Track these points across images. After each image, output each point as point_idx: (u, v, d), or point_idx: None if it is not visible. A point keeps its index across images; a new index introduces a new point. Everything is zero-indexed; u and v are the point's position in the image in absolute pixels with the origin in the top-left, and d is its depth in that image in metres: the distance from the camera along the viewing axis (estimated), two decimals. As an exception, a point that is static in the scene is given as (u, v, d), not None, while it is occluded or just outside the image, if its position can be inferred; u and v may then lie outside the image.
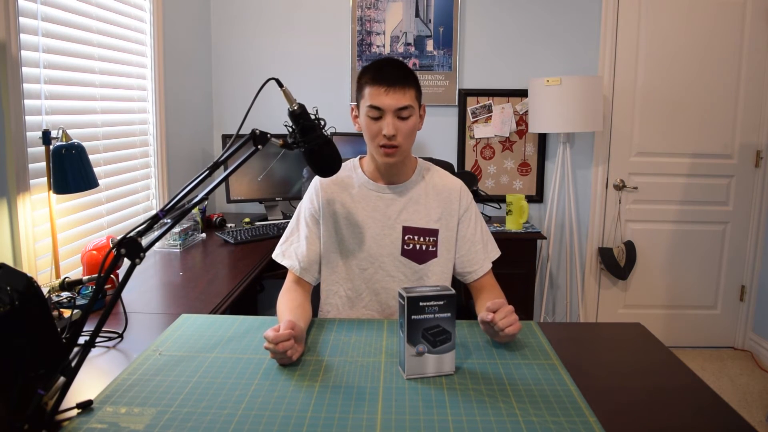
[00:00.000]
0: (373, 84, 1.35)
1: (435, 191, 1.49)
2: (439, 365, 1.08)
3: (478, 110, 3.11)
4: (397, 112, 1.34)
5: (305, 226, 1.48)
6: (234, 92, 3.16)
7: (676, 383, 1.10)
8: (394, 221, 1.45)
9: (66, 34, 1.84)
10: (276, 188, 2.88)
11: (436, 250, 1.47)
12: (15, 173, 1.55)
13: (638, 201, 3.15)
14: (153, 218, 1.03)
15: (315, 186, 1.49)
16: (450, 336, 1.08)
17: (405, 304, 1.05)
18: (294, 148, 1.26)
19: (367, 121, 1.37)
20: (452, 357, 1.09)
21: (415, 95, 1.38)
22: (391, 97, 1.33)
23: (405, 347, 1.06)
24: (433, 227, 1.46)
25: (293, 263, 1.45)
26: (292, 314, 1.27)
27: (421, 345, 1.07)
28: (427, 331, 1.06)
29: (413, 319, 1.05)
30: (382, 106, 1.34)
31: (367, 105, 1.36)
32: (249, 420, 0.93)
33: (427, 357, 1.07)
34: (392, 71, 1.35)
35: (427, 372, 1.08)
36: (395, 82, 1.33)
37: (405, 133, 1.36)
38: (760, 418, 2.49)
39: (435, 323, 1.06)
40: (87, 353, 0.95)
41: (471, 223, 1.49)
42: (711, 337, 3.25)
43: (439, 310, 1.06)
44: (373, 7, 3.05)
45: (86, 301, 1.51)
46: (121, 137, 2.22)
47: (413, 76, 1.38)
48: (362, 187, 1.47)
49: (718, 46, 3.01)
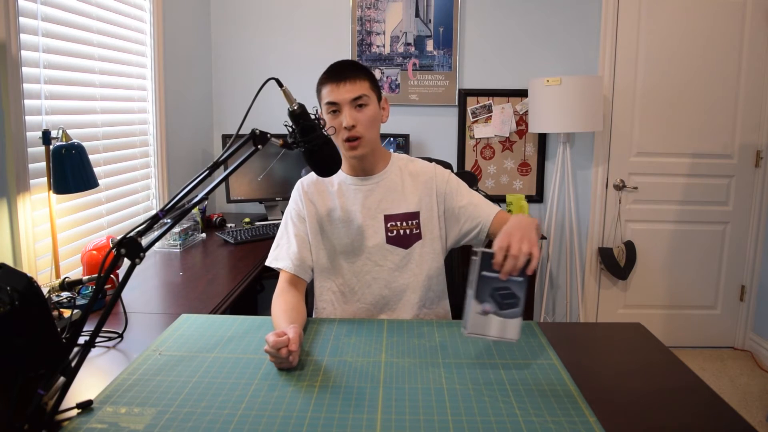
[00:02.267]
0: (326, 83, 1.42)
1: (411, 177, 1.52)
2: (503, 329, 1.06)
3: (478, 110, 3.11)
4: (352, 102, 1.39)
5: (293, 226, 1.51)
6: (234, 92, 3.16)
7: (676, 383, 1.10)
8: (375, 211, 1.49)
9: (66, 34, 1.84)
10: (276, 188, 2.88)
11: (420, 232, 1.49)
12: (15, 173, 1.55)
13: (638, 201, 3.15)
14: (153, 218, 1.03)
15: (297, 189, 1.55)
16: (518, 301, 1.05)
17: (478, 259, 1.03)
18: (294, 148, 1.26)
19: (328, 119, 1.42)
20: (517, 324, 1.06)
21: (369, 86, 1.43)
22: (343, 89, 1.39)
23: (471, 303, 1.04)
24: (413, 210, 1.49)
25: (286, 263, 1.46)
26: (288, 317, 1.27)
27: (488, 304, 1.04)
28: (496, 291, 1.04)
29: (483, 276, 1.03)
30: (337, 100, 1.39)
31: (325, 103, 1.42)
32: (249, 420, 0.93)
33: (491, 317, 1.05)
34: (342, 67, 1.43)
35: (489, 333, 1.06)
36: (346, 76, 1.40)
37: (364, 122, 1.41)
38: (760, 418, 2.49)
39: (505, 285, 1.04)
40: (87, 353, 0.95)
41: (458, 192, 1.50)
42: (711, 337, 3.25)
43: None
44: (373, 7, 3.05)
45: (86, 301, 1.51)
46: (121, 137, 2.22)
47: (364, 69, 1.45)
48: (341, 184, 1.52)
49: (717, 46, 3.01)
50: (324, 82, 1.43)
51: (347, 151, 1.43)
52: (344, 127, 1.39)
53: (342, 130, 1.40)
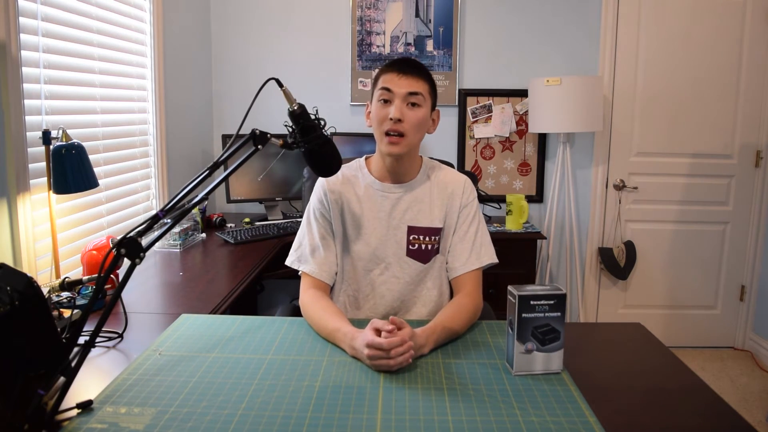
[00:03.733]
0: (388, 71, 1.39)
1: (439, 188, 1.47)
2: (547, 363, 1.10)
3: (478, 110, 3.11)
4: (407, 98, 1.36)
5: (318, 225, 1.45)
6: (234, 92, 3.16)
7: (676, 383, 1.10)
8: (399, 221, 1.44)
9: (66, 34, 1.84)
10: (276, 188, 2.88)
11: (439, 247, 1.47)
12: (15, 173, 1.55)
13: (638, 201, 3.15)
14: (153, 218, 1.03)
15: (322, 185, 1.47)
16: (559, 335, 1.09)
17: (516, 302, 1.06)
18: (294, 148, 1.26)
19: (377, 106, 1.38)
20: (560, 356, 1.10)
21: (428, 89, 1.40)
22: (402, 80, 1.36)
23: (514, 345, 1.08)
24: (437, 226, 1.45)
25: (311, 267, 1.42)
26: (342, 319, 1.24)
27: (530, 343, 1.08)
28: (537, 330, 1.08)
29: (523, 317, 1.07)
30: (393, 88, 1.36)
31: (379, 88, 1.38)
32: (249, 420, 0.93)
33: (535, 355, 1.09)
34: (408, 62, 1.40)
35: (534, 369, 1.09)
36: (409, 70, 1.37)
37: (413, 122, 1.36)
38: (760, 418, 2.49)
39: (545, 322, 1.08)
40: (87, 353, 0.95)
41: (467, 219, 1.47)
42: (711, 337, 3.25)
43: (549, 309, 1.08)
44: (373, 7, 3.05)
45: (86, 301, 1.51)
46: (121, 137, 2.22)
47: (428, 74, 1.42)
48: (368, 187, 1.46)
49: (718, 46, 3.01)
50: (386, 70, 1.39)
51: (386, 146, 1.37)
52: (390, 118, 1.34)
53: (386, 121, 1.35)
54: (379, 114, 1.37)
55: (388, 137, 1.36)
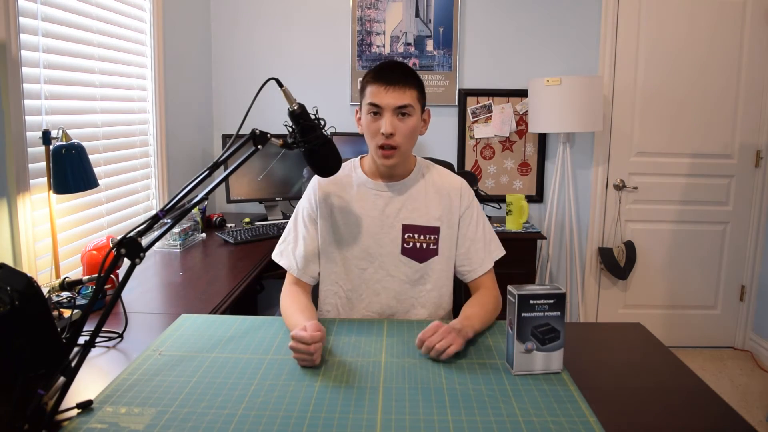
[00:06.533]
0: (373, 83, 1.36)
1: (435, 189, 1.47)
2: (547, 363, 1.10)
3: (478, 110, 3.11)
4: (396, 110, 1.34)
5: (303, 227, 1.47)
6: (234, 92, 3.16)
7: (676, 383, 1.10)
8: (393, 219, 1.44)
9: (66, 34, 1.84)
10: (276, 188, 2.88)
11: (437, 248, 1.46)
12: (15, 173, 1.55)
13: (638, 201, 3.15)
14: (153, 218, 1.03)
15: (313, 186, 1.49)
16: (559, 334, 1.09)
17: (516, 302, 1.07)
18: (294, 148, 1.26)
19: (366, 120, 1.38)
20: (560, 355, 1.10)
21: (416, 96, 1.37)
22: (390, 95, 1.33)
23: (514, 344, 1.08)
24: (434, 225, 1.45)
25: (291, 264, 1.45)
26: (304, 315, 1.26)
27: (530, 342, 1.09)
28: (537, 329, 1.08)
29: (523, 317, 1.07)
30: (381, 104, 1.34)
31: (367, 103, 1.37)
32: (249, 420, 0.93)
33: (535, 354, 1.09)
34: (393, 71, 1.36)
35: (534, 369, 1.10)
36: (395, 81, 1.34)
37: (404, 133, 1.36)
38: (760, 418, 2.49)
39: (544, 321, 1.08)
40: (87, 353, 0.95)
41: (472, 220, 1.48)
42: (711, 337, 3.25)
43: (549, 308, 1.08)
44: (373, 7, 3.05)
45: (86, 301, 1.51)
46: (121, 137, 2.22)
47: (415, 78, 1.38)
48: (361, 186, 1.47)
49: (718, 46, 3.01)
50: (371, 81, 1.36)
51: (380, 158, 1.38)
52: (381, 133, 1.34)
53: (378, 135, 1.35)
54: (370, 128, 1.37)
55: (382, 150, 1.37)
